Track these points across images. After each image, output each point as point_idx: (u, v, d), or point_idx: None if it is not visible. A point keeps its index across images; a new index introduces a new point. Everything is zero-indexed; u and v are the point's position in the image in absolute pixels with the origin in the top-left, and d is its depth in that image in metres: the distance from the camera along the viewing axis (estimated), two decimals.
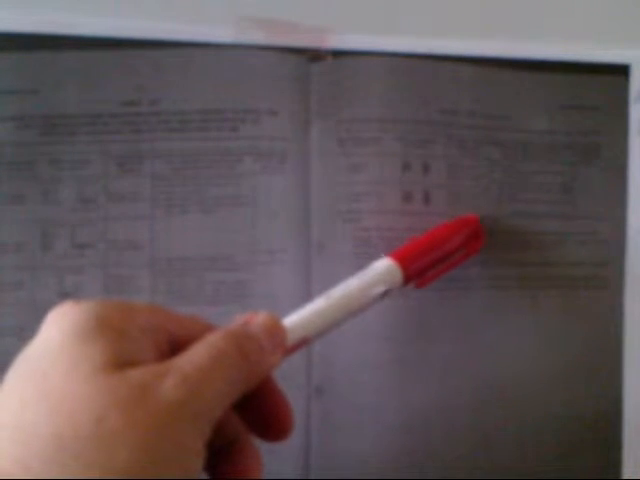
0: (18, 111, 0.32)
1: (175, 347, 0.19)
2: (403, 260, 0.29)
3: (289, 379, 0.33)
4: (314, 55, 0.33)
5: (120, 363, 0.17)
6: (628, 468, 0.36)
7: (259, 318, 0.21)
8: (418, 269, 0.30)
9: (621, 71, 0.36)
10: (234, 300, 0.33)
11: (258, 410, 0.21)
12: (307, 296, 0.33)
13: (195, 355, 0.18)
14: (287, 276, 0.33)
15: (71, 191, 0.32)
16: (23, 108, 0.32)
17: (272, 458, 0.33)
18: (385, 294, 0.28)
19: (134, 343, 0.18)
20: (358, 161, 0.34)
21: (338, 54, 0.34)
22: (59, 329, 0.17)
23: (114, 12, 0.32)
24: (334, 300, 0.25)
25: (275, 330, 0.22)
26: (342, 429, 0.34)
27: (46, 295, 0.32)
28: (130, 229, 0.33)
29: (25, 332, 0.18)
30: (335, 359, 0.34)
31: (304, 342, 0.24)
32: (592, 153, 0.36)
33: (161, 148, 0.33)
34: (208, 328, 0.20)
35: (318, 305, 0.25)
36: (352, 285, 0.27)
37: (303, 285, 0.33)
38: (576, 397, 0.36)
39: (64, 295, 0.32)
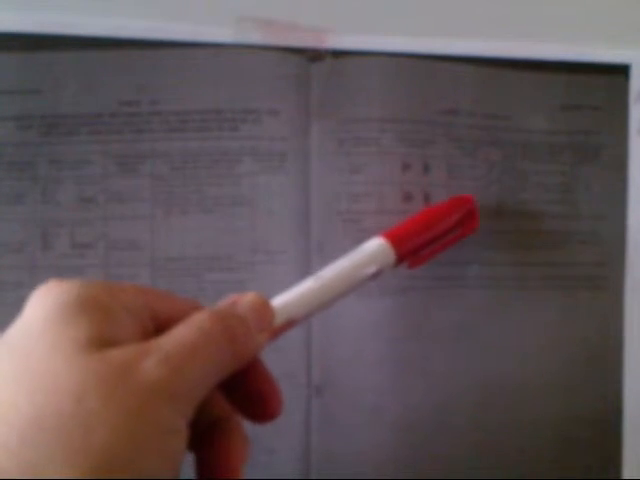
0: (18, 111, 0.32)
1: (161, 326, 0.19)
2: (395, 239, 0.28)
3: (289, 379, 0.33)
4: (314, 55, 0.33)
5: (103, 342, 0.17)
6: (628, 468, 0.36)
7: (246, 298, 0.21)
8: (411, 249, 0.29)
9: (621, 71, 0.36)
10: None
11: (246, 391, 0.21)
12: None
13: (179, 334, 0.18)
14: (287, 276, 0.33)
15: (71, 191, 0.32)
16: (23, 108, 0.32)
17: (272, 458, 0.33)
18: (377, 274, 0.27)
19: (118, 322, 0.17)
20: (358, 161, 0.34)
21: (338, 54, 0.34)
22: (42, 308, 0.17)
23: (114, 12, 0.32)
24: (324, 281, 0.25)
25: (262, 310, 0.21)
26: (342, 429, 0.34)
27: None
28: (130, 229, 0.33)
29: None
30: (335, 359, 0.34)
31: (293, 323, 0.23)
32: (592, 153, 0.36)
33: (161, 148, 0.33)
34: (196, 308, 0.20)
35: (307, 286, 0.24)
36: (343, 265, 0.26)
37: None
38: (576, 397, 0.36)
39: None
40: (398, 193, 0.34)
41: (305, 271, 0.33)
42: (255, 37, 0.33)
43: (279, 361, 0.33)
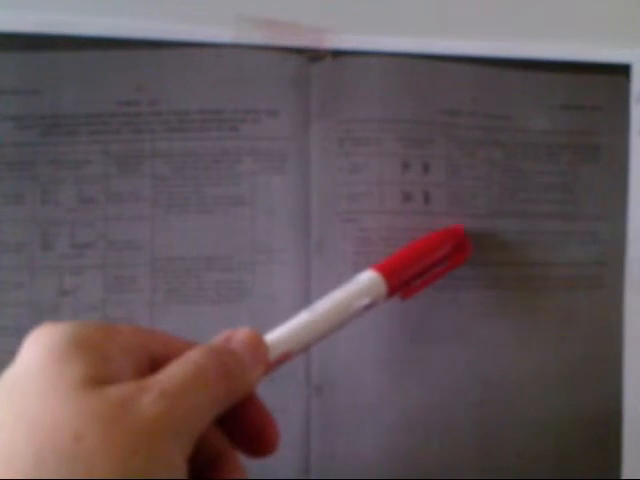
0: (18, 111, 0.32)
1: (157, 365, 0.19)
2: (387, 272, 0.29)
3: (289, 379, 0.33)
4: (314, 55, 0.33)
5: (99, 381, 0.17)
6: (628, 468, 0.36)
7: (240, 334, 0.21)
8: (402, 280, 0.30)
9: (622, 71, 0.36)
10: (234, 300, 0.33)
11: (242, 426, 0.21)
12: (307, 296, 0.33)
13: (175, 371, 0.18)
14: (287, 276, 0.33)
15: (71, 191, 0.32)
16: (23, 108, 0.32)
17: (272, 458, 0.33)
18: (370, 306, 0.28)
19: (113, 362, 0.18)
20: (358, 161, 0.34)
21: (338, 54, 0.34)
22: (38, 349, 0.17)
23: (114, 12, 0.32)
24: (317, 314, 0.25)
25: (256, 345, 0.21)
26: (342, 429, 0.34)
27: (46, 295, 0.32)
28: (130, 229, 0.33)
29: (25, 332, 0.18)
30: (335, 359, 0.34)
31: (287, 357, 0.24)
32: (593, 153, 0.36)
33: (161, 148, 0.33)
34: (189, 346, 0.20)
35: (301, 319, 0.25)
36: (335, 298, 0.27)
37: (303, 285, 0.33)
38: (576, 397, 0.36)
39: (64, 295, 0.32)
40: (398, 193, 0.34)
41: (305, 271, 0.33)
42: (255, 37, 0.33)
43: None
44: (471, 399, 0.35)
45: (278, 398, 0.33)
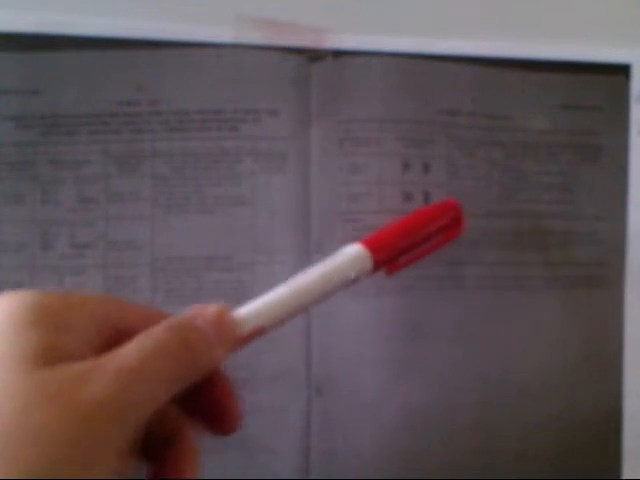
0: (18, 111, 0.32)
1: (125, 337, 0.18)
2: (374, 246, 0.27)
3: (289, 379, 0.33)
4: (314, 55, 0.33)
5: (55, 355, 0.16)
6: (628, 468, 0.36)
7: (207, 310, 0.21)
8: (390, 255, 0.28)
9: (622, 71, 0.36)
10: (234, 300, 0.33)
11: (204, 403, 0.21)
12: None
13: (133, 348, 0.18)
14: (287, 276, 0.33)
15: (71, 191, 0.32)
16: (23, 108, 0.32)
17: (272, 458, 0.33)
18: (354, 281, 0.26)
19: (74, 334, 0.17)
20: (358, 161, 0.34)
21: (338, 54, 0.34)
22: None
23: (114, 12, 0.32)
24: (296, 288, 0.24)
25: (222, 321, 0.21)
26: (342, 429, 0.34)
27: None
28: (130, 229, 0.33)
29: None
30: (335, 359, 0.34)
31: (260, 332, 0.23)
32: (592, 153, 0.36)
33: (161, 148, 0.33)
34: (162, 318, 0.20)
35: (279, 293, 0.24)
36: (317, 272, 0.25)
37: None
38: (576, 397, 0.36)
39: None
40: (398, 193, 0.34)
41: None
42: (255, 37, 0.33)
43: (279, 361, 0.33)
44: (471, 399, 0.35)
45: (278, 398, 0.33)
